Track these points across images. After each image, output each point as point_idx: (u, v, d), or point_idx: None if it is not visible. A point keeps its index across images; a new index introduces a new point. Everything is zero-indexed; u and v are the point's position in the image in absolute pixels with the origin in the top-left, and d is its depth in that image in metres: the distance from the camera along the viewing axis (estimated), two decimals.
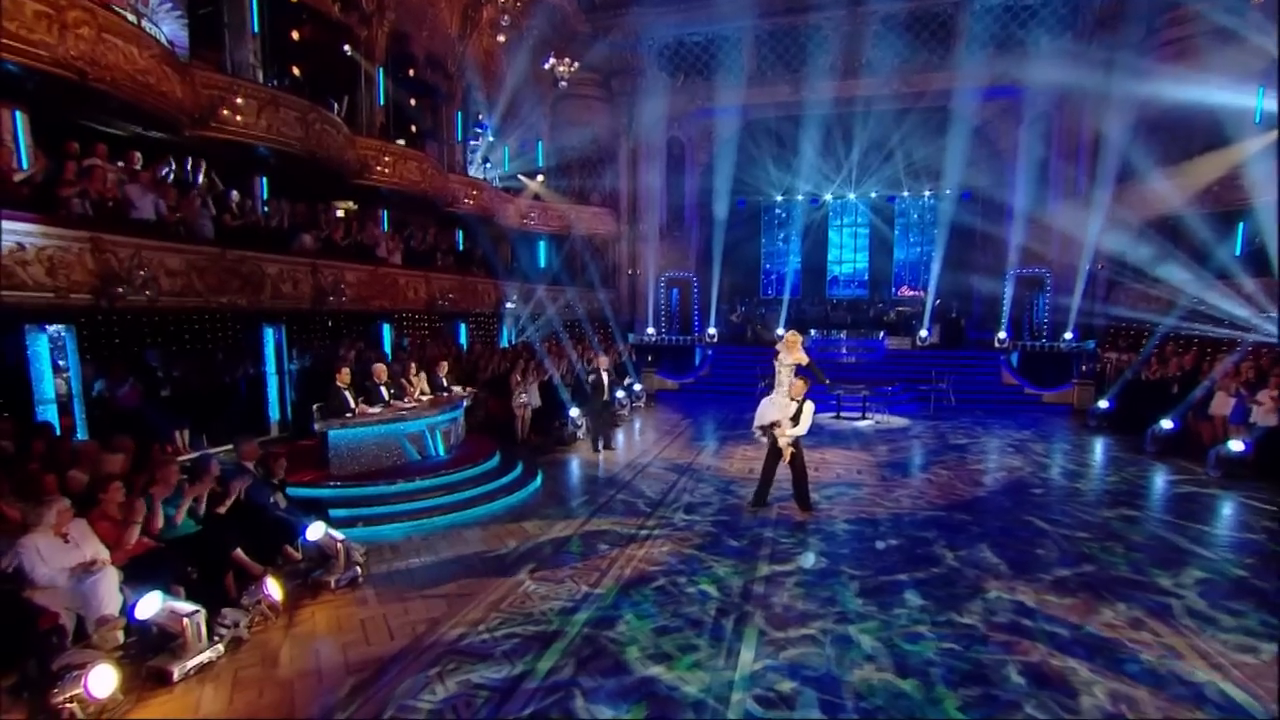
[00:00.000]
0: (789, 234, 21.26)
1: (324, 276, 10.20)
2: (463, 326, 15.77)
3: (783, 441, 6.86)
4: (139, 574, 4.11)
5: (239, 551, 4.98)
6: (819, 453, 10.11)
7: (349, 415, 7.56)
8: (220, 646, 4.11)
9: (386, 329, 12.86)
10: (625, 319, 19.58)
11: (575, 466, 9.58)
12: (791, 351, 6.97)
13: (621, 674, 4.03)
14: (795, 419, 6.91)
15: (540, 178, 18.12)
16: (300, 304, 9.75)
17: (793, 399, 6.94)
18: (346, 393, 7.82)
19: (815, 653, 4.28)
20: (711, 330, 18.89)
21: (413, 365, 9.02)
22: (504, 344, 16.06)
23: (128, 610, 3.77)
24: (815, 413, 7.20)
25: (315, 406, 7.73)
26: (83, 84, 6.53)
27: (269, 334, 10.08)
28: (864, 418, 13.15)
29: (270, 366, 10.10)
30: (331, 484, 7.18)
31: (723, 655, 4.25)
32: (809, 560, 5.82)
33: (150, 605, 3.75)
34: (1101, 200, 15.30)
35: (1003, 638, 4.48)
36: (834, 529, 6.67)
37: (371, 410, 7.80)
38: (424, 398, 8.88)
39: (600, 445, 10.24)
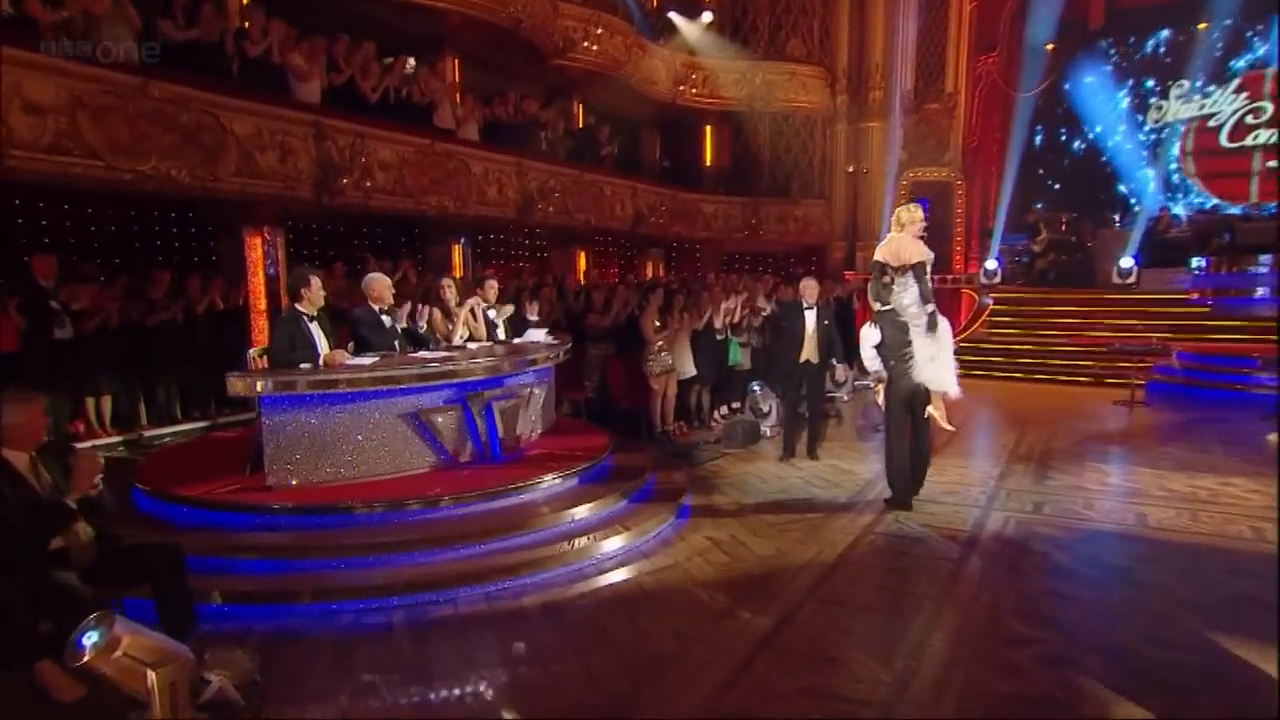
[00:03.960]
0: (1145, 103, 17.09)
1: (337, 146, 7.97)
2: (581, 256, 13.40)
3: (937, 408, 5.66)
4: None
5: None
6: (1226, 482, 6.39)
7: (307, 366, 4.94)
8: None
9: (458, 252, 10.79)
10: (843, 248, 16.34)
11: (754, 484, 6.48)
12: (907, 230, 5.59)
13: None
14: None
15: (706, 16, 15.00)
16: (292, 189, 7.65)
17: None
18: (313, 326, 5.24)
19: None
20: (991, 263, 15.49)
21: (449, 285, 6.33)
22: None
23: None
24: None
25: (253, 352, 5.26)
26: None
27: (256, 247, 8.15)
28: None
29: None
30: (264, 506, 4.58)
31: None
32: None
33: None
34: None
35: None
36: None
37: (355, 361, 5.11)
38: (471, 344, 6.15)
39: (793, 449, 7.41)
